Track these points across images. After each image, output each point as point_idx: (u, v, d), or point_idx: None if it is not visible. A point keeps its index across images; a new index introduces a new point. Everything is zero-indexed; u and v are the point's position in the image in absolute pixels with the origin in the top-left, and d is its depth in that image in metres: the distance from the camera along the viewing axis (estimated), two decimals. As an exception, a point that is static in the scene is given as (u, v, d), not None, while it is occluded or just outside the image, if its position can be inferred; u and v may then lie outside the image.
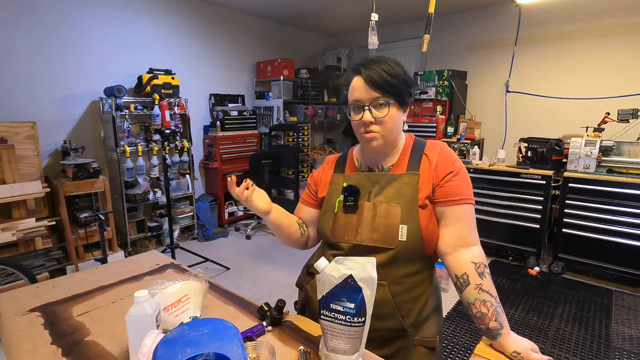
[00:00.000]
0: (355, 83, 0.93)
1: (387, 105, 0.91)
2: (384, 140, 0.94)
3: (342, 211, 0.99)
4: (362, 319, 0.77)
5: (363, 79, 0.91)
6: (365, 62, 0.93)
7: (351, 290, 0.76)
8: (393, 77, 0.90)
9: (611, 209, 2.70)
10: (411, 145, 1.00)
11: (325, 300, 0.78)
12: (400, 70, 0.92)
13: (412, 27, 4.76)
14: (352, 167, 1.06)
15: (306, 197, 1.14)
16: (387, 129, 0.93)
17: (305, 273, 1.12)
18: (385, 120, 0.91)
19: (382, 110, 0.91)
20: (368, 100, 0.91)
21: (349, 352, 0.79)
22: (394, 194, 0.94)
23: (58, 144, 3.06)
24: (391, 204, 0.93)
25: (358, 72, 0.92)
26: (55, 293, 1.12)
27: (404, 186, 0.94)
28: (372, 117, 0.91)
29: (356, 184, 0.99)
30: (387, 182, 0.96)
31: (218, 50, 4.21)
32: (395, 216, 0.92)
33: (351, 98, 0.94)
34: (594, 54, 3.55)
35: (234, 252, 3.54)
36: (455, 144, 3.63)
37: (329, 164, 1.13)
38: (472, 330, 2.26)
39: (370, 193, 0.98)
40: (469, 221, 0.93)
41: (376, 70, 0.90)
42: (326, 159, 1.16)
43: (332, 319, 0.78)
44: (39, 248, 2.50)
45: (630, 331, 2.23)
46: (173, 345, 0.67)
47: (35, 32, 2.87)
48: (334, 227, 0.99)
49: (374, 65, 0.91)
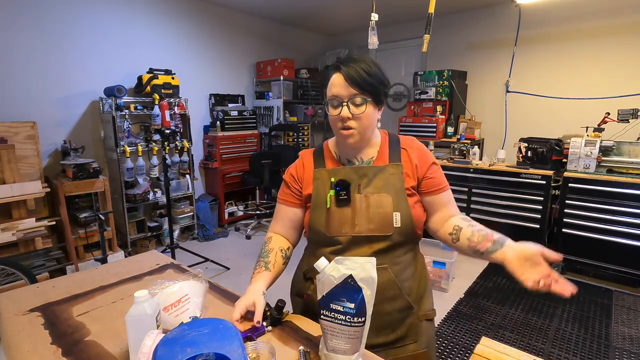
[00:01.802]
0: (335, 79, 0.96)
1: (365, 102, 0.95)
2: (360, 136, 0.99)
3: (334, 205, 1.00)
4: (362, 319, 0.77)
5: (343, 76, 0.94)
6: (345, 60, 0.98)
7: (351, 290, 0.76)
8: (371, 76, 0.95)
9: (611, 209, 2.70)
10: (387, 140, 1.07)
11: (325, 300, 0.78)
12: (378, 70, 0.97)
13: (412, 27, 4.76)
14: (332, 161, 1.08)
15: (287, 197, 1.11)
16: (363, 126, 0.97)
17: (303, 279, 1.12)
18: (362, 117, 0.96)
19: (360, 107, 0.95)
20: (347, 96, 0.94)
21: (349, 352, 0.79)
22: (382, 184, 1.00)
23: (58, 144, 3.06)
24: (382, 194, 0.99)
25: (338, 69, 0.96)
26: (55, 293, 1.12)
27: (390, 177, 1.00)
28: (350, 113, 0.95)
29: (345, 178, 1.01)
30: (375, 174, 1.01)
31: (218, 50, 4.21)
32: (388, 205, 0.98)
33: (330, 93, 0.98)
34: (594, 54, 3.55)
35: (234, 252, 3.54)
36: (455, 144, 3.63)
37: (305, 159, 1.12)
38: (472, 330, 2.26)
39: (359, 185, 1.01)
40: (452, 202, 1.06)
41: (355, 69, 0.94)
42: (300, 153, 1.15)
43: (332, 319, 0.78)
44: (39, 248, 2.50)
45: (630, 331, 2.23)
46: (173, 345, 0.67)
47: (35, 32, 2.87)
48: (329, 222, 1.01)
49: (353, 63, 0.95)
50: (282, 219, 1.12)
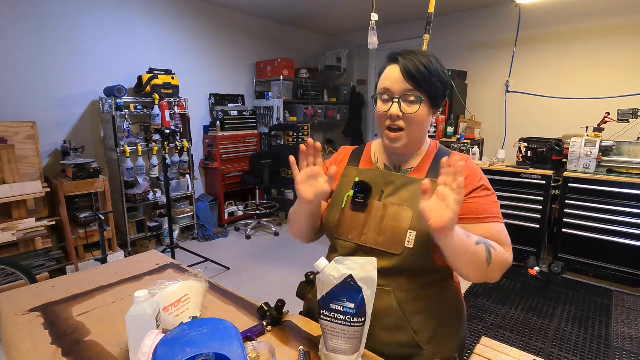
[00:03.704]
0: (390, 71, 0.86)
1: (419, 101, 0.84)
2: (408, 140, 0.87)
3: (350, 208, 0.93)
4: (362, 319, 0.77)
5: (400, 67, 0.83)
6: (403, 51, 0.86)
7: (351, 291, 0.76)
8: (431, 73, 0.83)
9: (611, 209, 2.70)
10: (435, 152, 0.93)
11: (325, 300, 0.78)
12: (440, 68, 0.86)
13: (412, 27, 4.76)
14: (368, 162, 0.99)
15: None
16: (413, 129, 0.86)
17: (305, 282, 1.10)
18: (414, 118, 0.84)
19: (413, 106, 0.84)
20: (400, 92, 0.84)
21: (349, 352, 0.79)
22: (408, 197, 0.87)
23: (58, 144, 3.06)
24: (403, 207, 0.87)
25: (395, 60, 0.85)
26: (55, 293, 1.12)
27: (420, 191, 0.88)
28: (400, 111, 0.84)
29: (369, 181, 0.92)
30: (403, 184, 0.89)
31: (218, 50, 4.21)
32: (406, 220, 0.85)
33: (381, 86, 0.87)
34: (594, 54, 3.55)
35: (234, 252, 3.54)
36: (455, 144, 3.63)
37: (343, 155, 1.05)
38: (472, 330, 2.26)
39: (382, 192, 0.91)
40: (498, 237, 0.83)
41: (414, 62, 0.83)
42: (340, 149, 1.08)
43: (332, 319, 0.78)
44: (39, 248, 2.50)
45: (630, 331, 2.23)
46: (173, 345, 0.67)
47: (36, 32, 2.87)
48: (340, 223, 0.94)
49: (413, 56, 0.84)
50: None
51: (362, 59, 5.46)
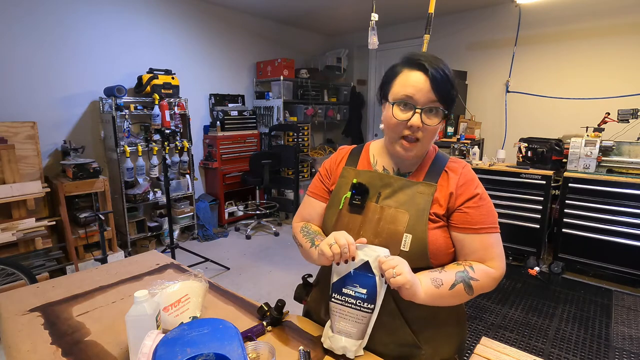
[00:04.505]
0: (414, 78, 0.81)
1: (441, 114, 0.82)
2: (421, 150, 0.87)
3: (347, 209, 0.93)
4: (372, 305, 0.80)
5: (429, 77, 0.80)
6: (427, 57, 0.81)
7: (365, 277, 0.80)
8: (452, 85, 0.82)
9: (611, 209, 2.70)
10: (433, 157, 0.93)
11: (339, 284, 0.83)
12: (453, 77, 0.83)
13: (412, 27, 4.76)
14: (366, 163, 0.98)
15: (318, 190, 1.03)
16: (427, 139, 0.85)
17: (302, 285, 1.08)
18: (431, 130, 0.83)
19: (433, 118, 0.82)
20: (424, 102, 0.81)
21: (354, 336, 0.82)
22: (405, 200, 0.87)
23: (58, 144, 3.06)
24: (400, 210, 0.87)
25: (422, 67, 0.80)
26: (55, 293, 1.12)
27: (417, 195, 0.87)
28: (421, 122, 0.81)
29: (367, 183, 0.92)
30: (400, 187, 0.89)
31: (218, 50, 4.21)
32: (402, 223, 0.85)
33: (403, 92, 0.82)
34: (594, 54, 3.55)
35: (234, 252, 3.54)
36: (455, 144, 3.63)
37: (342, 156, 1.04)
38: (472, 330, 2.26)
39: (379, 195, 0.91)
40: (491, 251, 0.84)
41: (441, 73, 0.80)
42: (339, 148, 1.07)
43: (342, 302, 0.82)
44: (39, 248, 2.50)
45: (630, 331, 2.23)
46: (173, 345, 0.67)
47: (36, 32, 2.87)
48: (337, 225, 0.94)
49: (437, 64, 0.80)
50: (311, 213, 1.03)
51: (362, 59, 5.46)
